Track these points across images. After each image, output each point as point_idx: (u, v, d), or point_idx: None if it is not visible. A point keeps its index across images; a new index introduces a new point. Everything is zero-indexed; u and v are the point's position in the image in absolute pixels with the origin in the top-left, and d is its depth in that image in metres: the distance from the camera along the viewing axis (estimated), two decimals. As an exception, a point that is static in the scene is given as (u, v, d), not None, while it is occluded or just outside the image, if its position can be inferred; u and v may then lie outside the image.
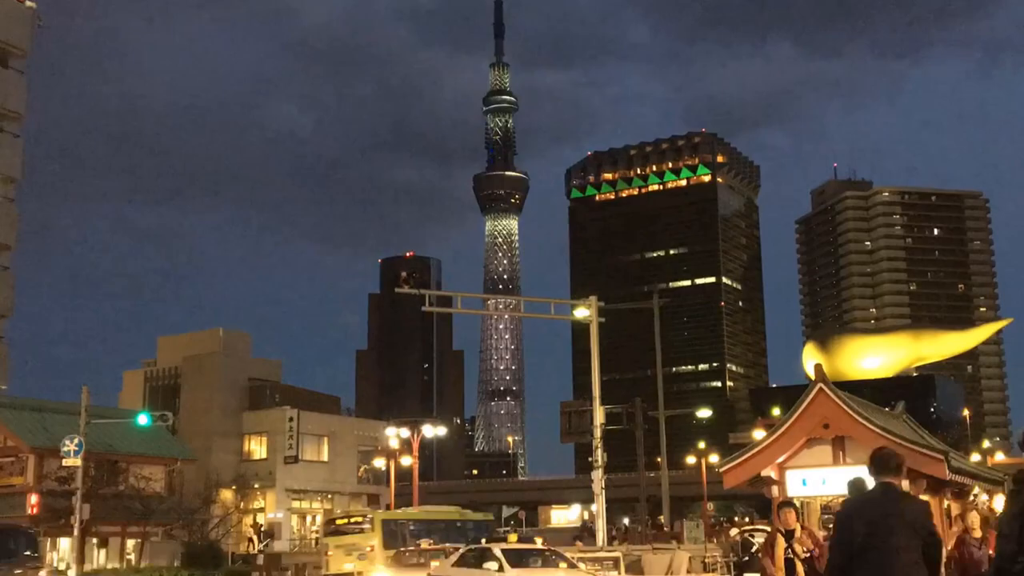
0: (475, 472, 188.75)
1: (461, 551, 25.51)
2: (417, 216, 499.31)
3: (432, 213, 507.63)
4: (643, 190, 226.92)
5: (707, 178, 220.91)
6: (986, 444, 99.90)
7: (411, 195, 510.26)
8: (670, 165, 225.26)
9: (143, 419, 38.46)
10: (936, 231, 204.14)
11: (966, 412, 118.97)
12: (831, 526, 29.62)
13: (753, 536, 27.82)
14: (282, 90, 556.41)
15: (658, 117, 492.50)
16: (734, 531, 31.08)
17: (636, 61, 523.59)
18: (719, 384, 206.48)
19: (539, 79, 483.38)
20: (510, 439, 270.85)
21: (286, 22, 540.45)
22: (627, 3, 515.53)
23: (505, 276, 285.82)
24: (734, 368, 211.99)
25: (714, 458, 73.70)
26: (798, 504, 32.05)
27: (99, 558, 43.08)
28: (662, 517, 62.07)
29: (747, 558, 23.52)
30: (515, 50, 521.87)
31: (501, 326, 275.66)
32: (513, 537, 44.53)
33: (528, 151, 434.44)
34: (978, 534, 23.53)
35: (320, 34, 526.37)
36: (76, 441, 32.61)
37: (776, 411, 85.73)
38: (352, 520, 37.49)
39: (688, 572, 22.63)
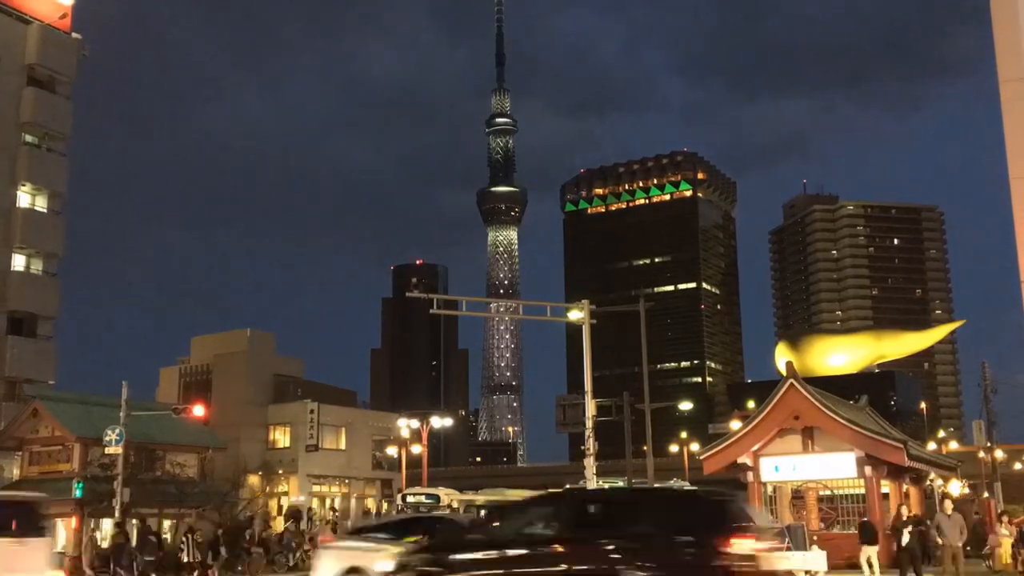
0: (479, 459, 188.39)
1: None
2: (427, 228, 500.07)
3: (441, 224, 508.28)
4: (630, 204, 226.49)
5: (688, 193, 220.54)
6: (941, 434, 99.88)
7: (423, 210, 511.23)
8: (655, 181, 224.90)
9: (198, 411, 39.09)
10: (896, 241, 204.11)
11: (923, 405, 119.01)
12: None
13: None
14: (330, 126, 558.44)
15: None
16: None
17: (661, 110, 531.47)
18: (699, 380, 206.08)
19: (577, 123, 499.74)
20: (510, 429, 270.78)
21: (341, 71, 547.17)
22: (662, 65, 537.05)
23: (506, 282, 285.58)
24: (713, 365, 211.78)
25: (695, 447, 73.62)
26: (771, 488, 32.02)
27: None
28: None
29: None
30: (559, 99, 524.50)
31: (502, 327, 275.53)
32: None
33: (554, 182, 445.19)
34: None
35: (375, 82, 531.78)
36: (117, 431, 32.63)
37: (751, 404, 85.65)
38: None
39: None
